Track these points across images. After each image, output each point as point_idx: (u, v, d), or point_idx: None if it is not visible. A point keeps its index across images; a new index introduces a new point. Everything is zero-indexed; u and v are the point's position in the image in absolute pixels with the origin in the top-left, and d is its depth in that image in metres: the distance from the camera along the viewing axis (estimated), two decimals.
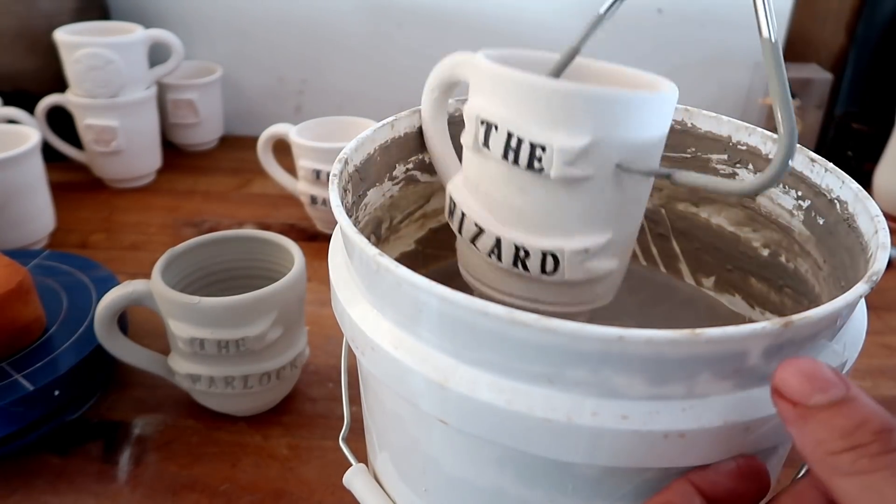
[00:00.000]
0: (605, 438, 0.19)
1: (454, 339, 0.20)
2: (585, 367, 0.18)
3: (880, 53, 0.82)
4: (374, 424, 0.28)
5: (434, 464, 0.24)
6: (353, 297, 0.24)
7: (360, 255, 0.23)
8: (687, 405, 0.19)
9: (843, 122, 0.81)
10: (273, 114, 0.89)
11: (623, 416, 0.18)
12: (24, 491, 0.39)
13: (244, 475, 0.40)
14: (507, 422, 0.19)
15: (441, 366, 0.20)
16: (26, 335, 0.42)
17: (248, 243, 0.46)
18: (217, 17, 0.86)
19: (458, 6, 0.84)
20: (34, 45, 0.72)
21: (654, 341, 0.17)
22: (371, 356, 0.22)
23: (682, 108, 0.33)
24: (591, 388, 0.19)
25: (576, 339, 0.18)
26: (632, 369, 0.18)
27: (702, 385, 0.19)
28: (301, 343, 0.44)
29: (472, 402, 0.20)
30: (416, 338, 0.21)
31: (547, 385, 0.19)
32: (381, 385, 0.25)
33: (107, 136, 0.71)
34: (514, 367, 0.19)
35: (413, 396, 0.21)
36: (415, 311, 0.21)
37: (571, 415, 0.19)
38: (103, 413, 0.44)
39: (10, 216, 0.58)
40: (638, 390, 0.18)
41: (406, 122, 0.31)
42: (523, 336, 0.19)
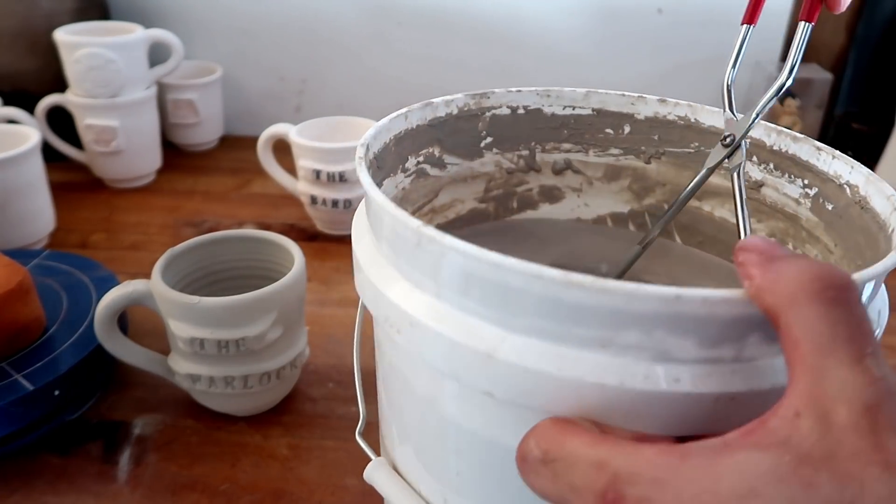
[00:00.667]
0: (657, 402, 0.19)
1: (503, 307, 0.20)
2: (639, 329, 0.18)
3: (880, 53, 0.82)
4: (397, 416, 0.28)
5: (471, 443, 0.23)
6: (387, 275, 0.23)
7: (397, 231, 0.22)
8: (736, 368, 0.19)
9: (843, 122, 0.81)
10: (273, 114, 0.89)
11: (675, 379, 0.18)
12: (24, 491, 0.39)
13: (244, 475, 0.40)
14: (557, 389, 0.19)
15: (488, 336, 0.20)
16: (26, 335, 0.42)
17: (248, 243, 0.46)
18: (217, 17, 0.86)
19: (458, 6, 0.84)
20: (34, 45, 0.72)
21: (710, 300, 0.18)
22: (410, 334, 0.22)
23: (685, 104, 0.34)
24: (643, 352, 0.19)
25: (632, 299, 0.18)
26: (685, 331, 0.18)
27: (750, 348, 0.19)
28: (301, 343, 0.44)
29: (521, 371, 0.19)
30: (459, 309, 0.21)
31: (599, 350, 0.19)
32: (414, 368, 0.24)
33: (107, 136, 0.71)
34: (565, 332, 0.19)
35: (456, 371, 0.21)
36: (461, 281, 0.20)
37: (624, 379, 0.19)
38: (103, 413, 0.44)
39: (10, 216, 0.58)
40: (689, 353, 0.19)
41: (418, 115, 0.31)
42: (578, 299, 0.18)
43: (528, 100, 0.34)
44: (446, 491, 0.26)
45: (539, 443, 0.19)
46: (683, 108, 0.33)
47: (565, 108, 0.34)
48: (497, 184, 0.36)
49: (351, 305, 0.56)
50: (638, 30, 0.85)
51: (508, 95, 0.34)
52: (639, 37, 0.85)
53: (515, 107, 0.34)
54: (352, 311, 0.55)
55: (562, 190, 0.37)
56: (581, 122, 0.35)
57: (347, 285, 0.59)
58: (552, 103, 0.34)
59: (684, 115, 0.34)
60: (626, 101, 0.34)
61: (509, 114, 0.34)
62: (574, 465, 0.18)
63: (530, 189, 0.37)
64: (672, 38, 0.85)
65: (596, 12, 0.84)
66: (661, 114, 0.34)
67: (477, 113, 0.33)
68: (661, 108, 0.34)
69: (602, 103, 0.34)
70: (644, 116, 0.34)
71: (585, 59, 0.87)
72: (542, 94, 0.34)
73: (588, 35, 0.85)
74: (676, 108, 0.34)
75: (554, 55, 0.87)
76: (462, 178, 0.35)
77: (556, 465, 0.18)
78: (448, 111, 0.32)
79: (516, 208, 0.37)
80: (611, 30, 0.85)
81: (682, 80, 0.86)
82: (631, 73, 0.86)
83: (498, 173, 0.36)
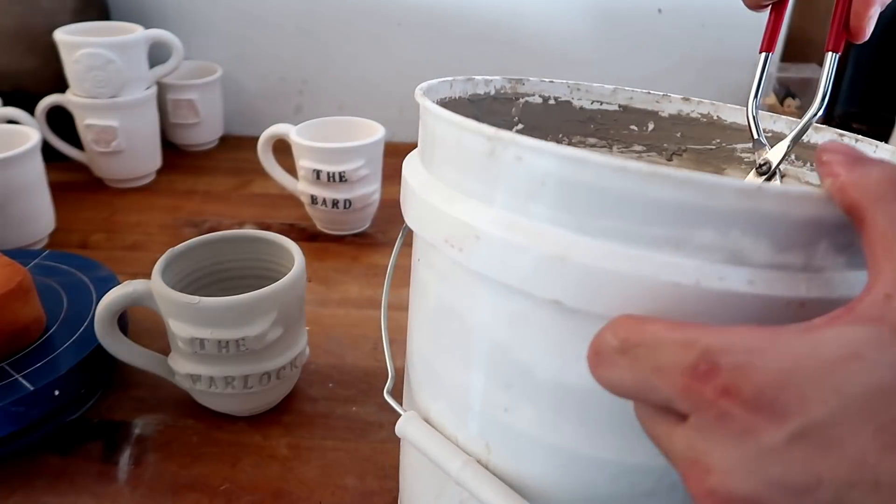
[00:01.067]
0: (730, 303, 0.19)
1: (577, 209, 0.20)
2: (715, 227, 0.19)
3: (880, 53, 0.82)
4: (432, 369, 0.28)
5: (525, 373, 0.23)
6: (448, 196, 0.24)
7: (465, 143, 0.23)
8: (805, 276, 0.19)
9: (844, 121, 0.81)
10: (273, 114, 0.89)
11: (749, 281, 0.19)
12: (24, 491, 0.39)
13: (244, 475, 0.40)
14: (631, 290, 0.19)
15: (559, 240, 0.20)
16: (26, 335, 0.42)
17: (248, 243, 0.46)
18: (217, 17, 0.86)
19: (457, 6, 0.84)
20: (34, 45, 0.72)
21: (790, 195, 0.18)
22: (474, 248, 0.22)
23: (708, 102, 0.35)
24: (717, 253, 0.19)
25: (714, 191, 0.18)
26: (759, 231, 0.19)
27: (819, 257, 0.19)
28: (301, 343, 0.44)
29: (594, 273, 0.20)
30: (529, 217, 0.21)
31: (673, 251, 0.19)
32: (467, 295, 0.24)
33: (107, 136, 0.71)
34: (640, 232, 0.19)
35: (524, 280, 0.21)
36: (534, 185, 0.21)
37: (700, 279, 0.19)
38: (103, 413, 0.44)
39: (10, 216, 0.58)
40: (761, 256, 0.19)
41: (461, 87, 0.32)
42: (657, 195, 0.19)
43: (560, 91, 0.35)
44: (489, 435, 0.26)
45: (617, 332, 0.18)
46: (706, 105, 0.35)
47: (593, 103, 0.36)
48: None
49: (351, 305, 0.56)
50: (638, 30, 0.85)
51: (541, 85, 0.35)
52: (639, 37, 0.85)
53: (547, 97, 0.35)
54: (352, 311, 0.55)
55: None
56: (607, 118, 0.36)
57: (347, 285, 0.59)
58: (581, 97, 0.35)
59: (706, 113, 0.35)
60: (652, 99, 0.35)
61: (541, 103, 0.35)
62: (657, 346, 0.17)
63: None
64: (672, 38, 0.85)
65: (596, 12, 0.84)
66: (684, 111, 0.35)
67: (511, 97, 0.34)
68: (684, 106, 0.35)
69: (629, 100, 0.35)
70: (668, 114, 0.35)
71: (585, 58, 0.87)
72: (573, 87, 0.35)
73: (588, 35, 0.85)
74: (699, 105, 0.35)
75: (554, 55, 0.87)
76: None
77: (637, 350, 0.18)
78: (487, 90, 0.33)
79: None
80: (611, 30, 0.85)
81: (682, 79, 0.86)
82: (631, 72, 0.86)
83: None
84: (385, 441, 0.42)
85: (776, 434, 0.15)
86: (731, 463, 0.16)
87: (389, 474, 0.40)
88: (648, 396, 0.18)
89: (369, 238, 0.67)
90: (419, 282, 0.28)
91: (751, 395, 0.16)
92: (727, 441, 0.16)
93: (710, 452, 0.16)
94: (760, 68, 0.32)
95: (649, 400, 0.18)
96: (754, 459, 0.16)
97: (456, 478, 0.26)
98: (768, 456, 0.16)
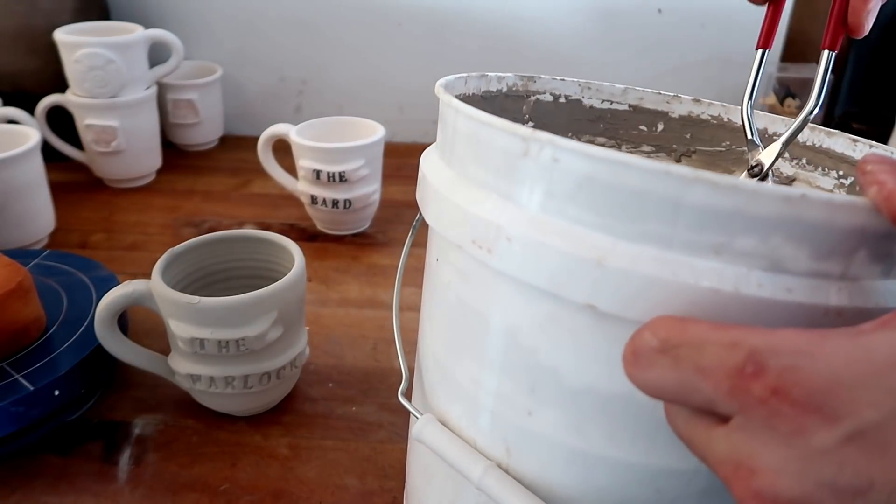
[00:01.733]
0: (769, 310, 0.19)
1: (615, 213, 0.20)
2: (756, 234, 0.18)
3: (880, 53, 0.82)
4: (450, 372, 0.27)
5: (551, 377, 0.23)
6: (476, 196, 0.23)
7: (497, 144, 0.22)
8: (842, 285, 0.19)
9: (843, 122, 0.81)
10: (273, 114, 0.89)
11: (788, 289, 0.19)
12: (24, 491, 0.39)
13: (244, 475, 0.40)
14: (668, 295, 0.19)
15: (597, 244, 0.20)
16: (26, 335, 0.42)
17: (248, 243, 0.46)
18: (217, 17, 0.86)
19: (457, 6, 0.84)
20: (34, 45, 0.72)
21: (835, 203, 0.18)
22: (505, 249, 0.22)
23: (718, 104, 0.34)
24: (756, 260, 0.19)
25: (757, 198, 0.18)
26: (800, 238, 0.18)
27: (856, 265, 0.19)
28: (301, 343, 0.44)
29: (631, 278, 0.19)
30: (564, 219, 0.21)
31: (713, 257, 0.19)
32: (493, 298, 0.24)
33: (107, 136, 0.71)
34: (679, 237, 0.19)
35: (558, 284, 0.21)
36: (572, 187, 0.20)
37: (739, 285, 0.19)
38: (103, 413, 0.44)
39: (10, 216, 0.58)
40: (800, 264, 0.19)
41: (474, 83, 0.32)
42: (701, 199, 0.18)
43: (570, 89, 0.35)
44: (510, 439, 0.25)
45: (657, 332, 0.18)
46: (717, 107, 0.35)
47: (603, 102, 0.35)
48: None
49: (351, 305, 0.56)
50: (638, 30, 0.85)
51: (553, 83, 0.34)
52: (639, 37, 0.85)
53: (558, 95, 0.35)
54: (352, 311, 0.55)
55: None
56: (617, 117, 0.36)
57: (347, 285, 0.59)
58: (591, 96, 0.35)
59: (717, 115, 0.35)
60: (662, 100, 0.35)
61: (552, 101, 0.35)
62: (702, 346, 0.17)
63: None
64: (672, 38, 0.85)
65: (596, 12, 0.84)
66: (694, 113, 0.35)
67: (523, 95, 0.34)
68: (695, 108, 0.35)
69: (639, 100, 0.35)
70: (678, 115, 0.35)
71: (585, 58, 0.87)
72: (584, 85, 0.35)
73: (588, 35, 0.85)
74: (710, 107, 0.35)
75: (554, 55, 0.87)
76: None
77: (679, 350, 0.17)
78: (499, 87, 0.33)
79: None
80: (611, 30, 0.85)
81: (682, 79, 0.86)
82: (631, 72, 0.86)
83: None
84: (385, 441, 0.42)
85: (828, 435, 0.15)
86: (779, 464, 0.16)
87: (389, 474, 0.40)
88: (689, 398, 0.17)
89: (369, 238, 0.67)
90: (437, 282, 0.28)
91: (801, 397, 0.15)
92: (775, 442, 0.16)
93: (757, 453, 0.16)
94: (757, 65, 0.31)
95: (689, 401, 0.18)
96: (804, 460, 0.16)
97: (478, 484, 0.25)
98: (819, 457, 0.15)
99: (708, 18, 0.82)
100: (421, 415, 0.28)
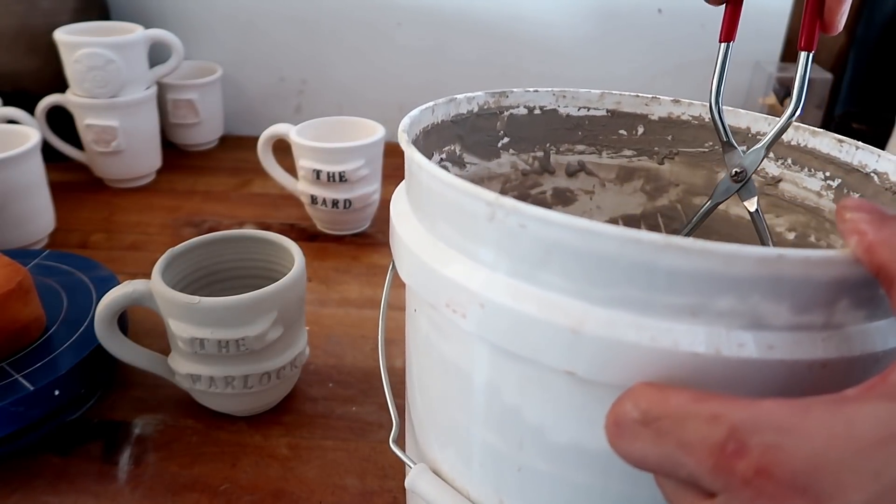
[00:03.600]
0: (751, 370, 0.18)
1: (587, 278, 0.19)
2: (734, 294, 0.18)
3: (880, 53, 0.82)
4: (437, 419, 0.27)
5: (536, 435, 0.23)
6: (447, 256, 0.22)
7: (463, 206, 0.21)
8: (826, 335, 0.19)
9: (843, 122, 0.81)
10: (273, 114, 0.89)
11: (769, 346, 0.18)
12: (24, 491, 0.39)
13: (244, 475, 0.40)
14: (647, 360, 0.18)
15: (571, 310, 0.19)
16: (26, 335, 0.42)
17: (248, 243, 0.46)
18: (217, 17, 0.86)
19: (457, 6, 0.84)
20: (34, 45, 0.72)
21: (813, 260, 0.17)
22: (478, 315, 0.21)
23: (699, 104, 0.34)
24: (736, 319, 0.18)
25: (733, 261, 0.17)
26: (779, 295, 0.18)
27: (840, 314, 0.19)
28: (301, 343, 0.44)
29: (609, 345, 0.19)
30: (536, 285, 0.20)
31: (690, 319, 0.18)
32: (473, 356, 0.23)
33: (107, 136, 0.71)
34: (655, 301, 0.18)
35: (533, 351, 0.20)
36: (541, 253, 0.19)
37: (719, 347, 0.18)
38: (103, 413, 0.44)
39: (10, 216, 0.58)
40: (782, 319, 0.18)
41: (443, 110, 0.31)
42: (675, 264, 0.18)
43: (545, 100, 0.34)
44: (503, 491, 0.25)
45: (638, 403, 0.17)
46: (697, 107, 0.34)
47: (580, 109, 0.35)
48: (512, 185, 0.36)
49: (351, 305, 0.56)
50: (638, 29, 0.85)
51: (526, 95, 0.34)
52: (639, 36, 0.85)
53: (532, 107, 0.34)
54: (352, 311, 0.55)
55: (574, 192, 0.37)
56: (595, 123, 0.35)
57: (347, 285, 0.59)
58: (567, 104, 0.34)
59: (698, 115, 0.34)
60: (640, 102, 0.34)
61: (526, 114, 0.34)
62: (683, 420, 0.16)
63: (544, 192, 0.37)
64: (672, 38, 0.85)
65: (596, 12, 0.84)
66: (675, 114, 0.34)
67: (496, 112, 0.33)
68: (675, 109, 0.34)
69: (616, 104, 0.34)
70: (658, 117, 0.34)
71: (585, 58, 0.87)
72: (558, 94, 0.34)
73: (588, 34, 0.85)
74: (690, 107, 0.34)
75: (554, 55, 0.87)
76: (479, 179, 0.35)
77: (661, 423, 0.17)
78: (469, 108, 0.32)
79: None
80: (611, 29, 0.85)
81: (681, 79, 0.86)
82: (631, 72, 0.86)
83: (514, 174, 0.36)
84: (385, 441, 0.42)
85: None
86: None
87: (389, 474, 0.40)
88: (674, 471, 0.17)
89: (369, 238, 0.67)
90: (417, 332, 0.27)
91: (785, 477, 0.15)
92: None
93: None
94: (721, 59, 0.30)
95: (674, 475, 0.17)
96: None
97: None
98: None
99: (708, 18, 0.82)
100: (414, 464, 0.28)
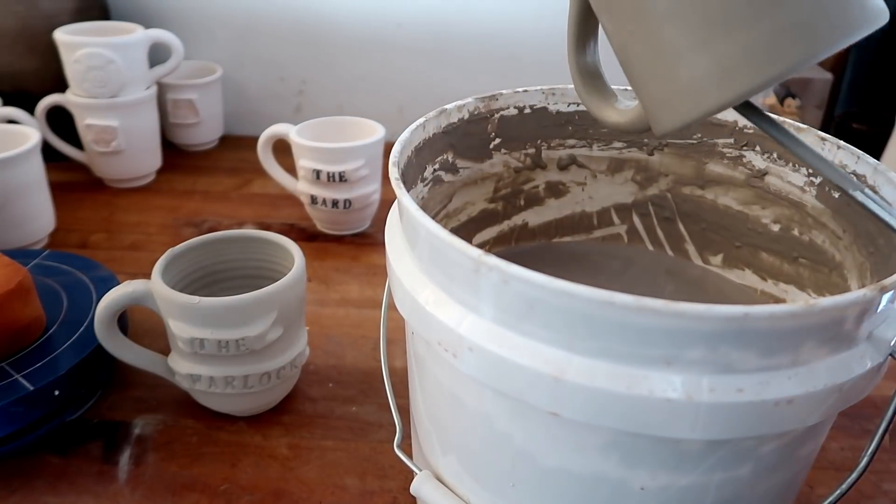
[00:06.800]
0: (721, 412, 0.20)
1: (569, 331, 0.20)
2: (705, 345, 0.19)
3: (880, 53, 0.82)
4: (439, 428, 0.28)
5: (527, 458, 0.24)
6: (438, 299, 0.23)
7: (451, 258, 0.22)
8: (792, 373, 0.20)
9: (843, 122, 0.81)
10: (273, 114, 0.89)
11: (738, 390, 0.19)
12: (24, 491, 0.39)
13: (244, 475, 0.40)
14: (625, 406, 0.20)
15: (554, 359, 0.21)
16: (26, 335, 0.42)
17: (248, 243, 0.46)
18: (217, 17, 0.86)
19: (457, 6, 0.84)
20: (34, 45, 0.72)
21: (776, 315, 0.19)
22: (468, 357, 0.22)
23: None
24: (706, 366, 0.20)
25: (701, 319, 0.19)
26: (747, 344, 0.19)
27: (805, 353, 0.20)
28: (301, 343, 0.44)
29: (589, 392, 0.20)
30: (521, 334, 0.21)
31: (664, 367, 0.20)
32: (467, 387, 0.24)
33: (107, 136, 0.71)
34: (631, 353, 0.20)
35: (520, 393, 0.21)
36: (524, 307, 0.21)
37: (691, 393, 0.19)
38: (103, 413, 0.44)
39: (10, 216, 0.58)
40: (750, 363, 0.20)
41: (434, 123, 0.32)
42: (648, 322, 0.19)
43: (534, 99, 0.35)
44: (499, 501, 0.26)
45: None
46: None
47: (570, 105, 0.35)
48: (505, 183, 0.36)
49: (351, 305, 0.56)
50: None
51: (515, 96, 0.34)
52: None
53: (522, 107, 0.34)
54: (352, 311, 0.55)
55: (566, 185, 0.38)
56: (585, 118, 0.36)
57: (347, 285, 0.59)
58: (557, 101, 0.35)
59: None
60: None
61: (516, 114, 0.35)
62: None
63: (536, 186, 0.37)
64: None
65: None
66: None
67: (486, 115, 0.34)
68: None
69: None
70: None
71: None
72: (548, 92, 0.35)
73: None
74: None
75: (553, 55, 0.86)
76: (473, 181, 0.35)
77: None
78: (460, 116, 0.33)
79: (523, 206, 0.38)
80: None
81: None
82: None
83: (506, 173, 0.36)
84: (385, 441, 0.42)
85: None
86: None
87: (389, 474, 0.40)
88: None
89: (369, 238, 0.67)
90: (415, 354, 0.28)
91: None
92: None
93: None
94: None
95: None
96: None
97: None
98: None
99: None
100: (420, 470, 0.29)
